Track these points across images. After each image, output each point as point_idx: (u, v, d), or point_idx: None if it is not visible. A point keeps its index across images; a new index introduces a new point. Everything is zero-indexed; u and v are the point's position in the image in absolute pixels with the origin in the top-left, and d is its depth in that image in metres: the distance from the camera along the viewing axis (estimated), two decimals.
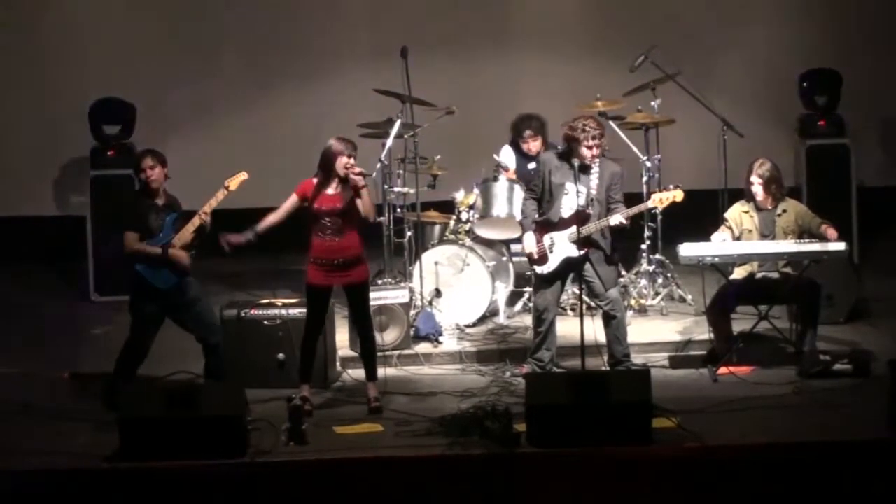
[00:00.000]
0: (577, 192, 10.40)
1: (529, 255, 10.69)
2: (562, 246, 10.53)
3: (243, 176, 10.32)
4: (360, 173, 10.12)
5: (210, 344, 10.22)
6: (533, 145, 12.18)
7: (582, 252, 10.38)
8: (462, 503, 9.11)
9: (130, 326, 10.21)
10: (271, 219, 10.23)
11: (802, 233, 10.78)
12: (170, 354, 10.80)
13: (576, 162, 10.39)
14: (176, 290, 10.11)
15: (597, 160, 10.48)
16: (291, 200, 10.19)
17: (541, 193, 10.67)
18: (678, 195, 10.55)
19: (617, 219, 10.35)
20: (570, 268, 10.53)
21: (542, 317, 10.60)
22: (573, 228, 10.42)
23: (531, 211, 10.73)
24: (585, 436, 9.26)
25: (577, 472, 9.10)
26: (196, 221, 10.13)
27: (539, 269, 10.65)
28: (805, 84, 13.55)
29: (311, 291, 10.24)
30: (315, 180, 10.16)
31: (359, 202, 10.10)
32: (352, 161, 10.09)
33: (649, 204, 10.62)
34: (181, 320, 10.24)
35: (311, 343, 10.27)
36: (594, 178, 10.47)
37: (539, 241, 10.59)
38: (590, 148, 10.38)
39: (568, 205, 10.52)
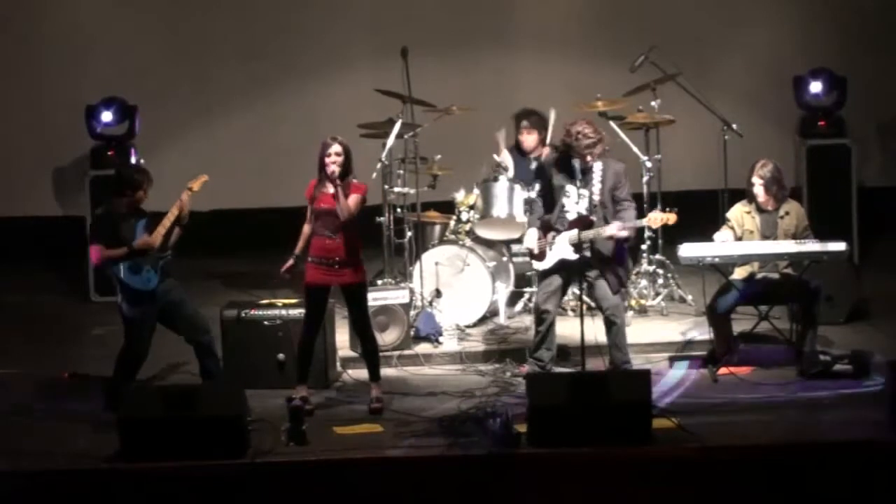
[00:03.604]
0: (579, 195, 10.41)
1: (530, 251, 10.72)
2: (560, 246, 10.53)
3: (204, 178, 10.36)
4: (333, 170, 10.00)
5: (202, 343, 10.21)
6: (528, 139, 12.18)
7: (577, 256, 10.38)
8: (462, 503, 9.11)
9: (125, 332, 10.20)
10: (304, 232, 10.17)
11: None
12: (170, 355, 10.82)
13: (577, 163, 10.38)
14: (160, 289, 10.10)
15: (599, 161, 10.48)
16: (309, 207, 10.15)
17: (544, 195, 10.69)
18: (671, 218, 10.56)
19: (611, 230, 10.34)
20: (566, 269, 10.54)
21: (540, 315, 10.60)
22: (574, 231, 10.42)
23: (538, 209, 10.74)
24: (585, 436, 9.25)
25: (576, 472, 9.09)
26: (170, 217, 10.09)
27: (535, 265, 10.70)
28: (806, 84, 13.52)
29: (309, 291, 10.22)
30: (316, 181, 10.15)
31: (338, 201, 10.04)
32: (333, 156, 10.06)
33: (643, 222, 10.58)
34: (169, 322, 10.23)
35: (309, 344, 10.26)
36: (596, 182, 10.45)
37: (542, 238, 10.60)
38: (584, 157, 10.39)
39: (570, 207, 10.53)
